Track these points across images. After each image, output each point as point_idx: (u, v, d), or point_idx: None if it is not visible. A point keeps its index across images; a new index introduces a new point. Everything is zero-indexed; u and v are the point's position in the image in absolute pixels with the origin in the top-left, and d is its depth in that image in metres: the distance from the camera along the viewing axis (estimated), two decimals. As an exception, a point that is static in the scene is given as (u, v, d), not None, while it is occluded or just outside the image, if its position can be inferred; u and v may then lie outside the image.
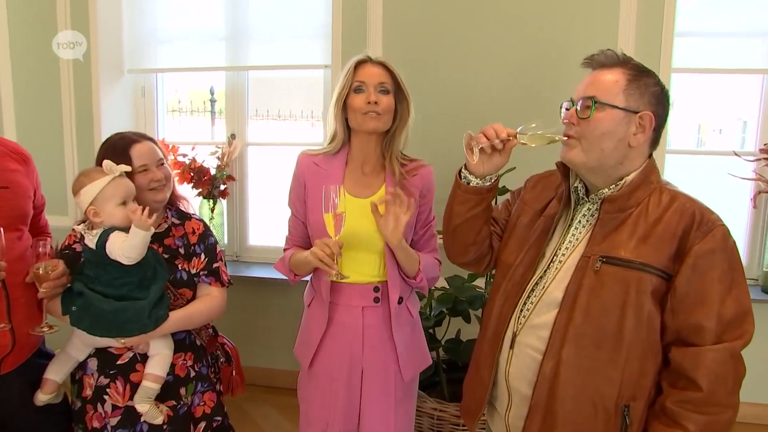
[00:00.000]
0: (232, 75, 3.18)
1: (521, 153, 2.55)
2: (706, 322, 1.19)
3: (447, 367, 2.58)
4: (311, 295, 1.80)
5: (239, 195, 3.26)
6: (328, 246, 1.53)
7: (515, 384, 1.36)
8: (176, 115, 3.50)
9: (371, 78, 1.64)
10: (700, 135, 3.66)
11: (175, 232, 1.76)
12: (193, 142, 3.10)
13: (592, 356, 1.24)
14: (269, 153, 3.38)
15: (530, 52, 2.72)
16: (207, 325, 1.85)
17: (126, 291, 1.58)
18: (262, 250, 3.28)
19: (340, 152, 1.72)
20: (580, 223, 1.35)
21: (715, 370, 1.18)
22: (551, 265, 1.35)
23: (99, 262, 1.57)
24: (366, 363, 1.72)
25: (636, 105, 1.25)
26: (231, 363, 1.94)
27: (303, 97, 3.29)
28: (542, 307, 1.33)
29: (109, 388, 1.66)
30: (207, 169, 3.01)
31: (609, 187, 1.30)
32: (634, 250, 1.23)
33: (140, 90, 3.27)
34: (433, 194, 1.78)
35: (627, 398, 1.24)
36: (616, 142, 1.26)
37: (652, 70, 1.30)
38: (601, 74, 1.29)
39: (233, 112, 3.20)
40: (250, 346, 3.15)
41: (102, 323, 1.57)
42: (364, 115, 1.63)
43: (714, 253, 1.20)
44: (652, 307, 1.23)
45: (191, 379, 1.75)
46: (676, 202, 1.26)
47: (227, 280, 1.81)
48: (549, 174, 1.51)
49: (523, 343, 1.34)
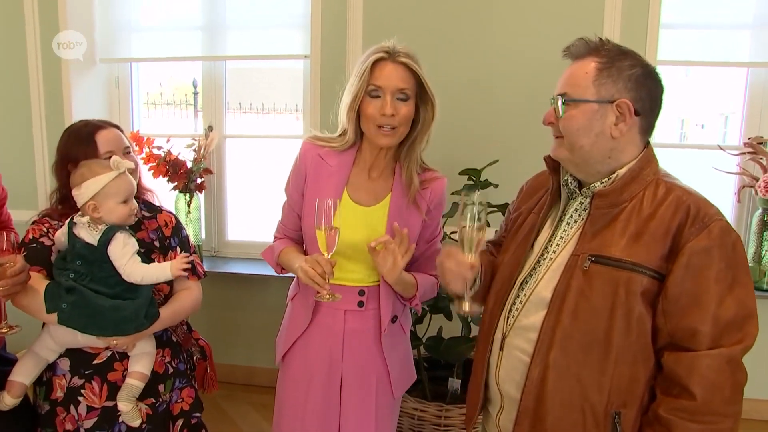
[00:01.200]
0: (208, 65, 3.13)
1: (504, 146, 2.67)
2: (701, 325, 1.13)
3: (428, 365, 2.56)
4: (295, 291, 1.75)
5: (217, 189, 3.22)
6: (319, 264, 1.44)
7: (505, 387, 1.32)
8: (158, 108, 3.45)
9: (390, 82, 1.48)
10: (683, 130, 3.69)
11: (147, 224, 1.73)
12: (167, 134, 3.02)
13: (580, 361, 1.20)
14: (249, 146, 3.34)
15: (515, 45, 2.70)
16: (182, 322, 1.84)
17: (120, 290, 1.55)
18: (241, 245, 3.23)
19: (349, 150, 1.61)
20: (572, 218, 1.30)
21: (710, 378, 1.12)
22: (541, 263, 1.31)
23: (95, 260, 1.53)
24: (346, 369, 1.65)
25: (610, 94, 1.19)
26: (206, 359, 1.92)
27: (285, 89, 3.26)
28: (530, 307, 1.28)
29: (83, 389, 1.62)
30: (183, 162, 2.94)
31: (601, 181, 1.25)
32: (625, 249, 1.17)
33: (114, 80, 3.21)
34: (442, 209, 1.68)
35: (617, 405, 1.19)
36: (594, 137, 1.21)
37: (631, 51, 1.22)
38: (572, 67, 1.24)
39: (210, 104, 3.16)
40: (229, 344, 3.13)
41: (99, 321, 1.52)
42: (378, 128, 1.50)
43: (710, 251, 1.13)
44: (642, 310, 1.17)
45: (169, 376, 1.73)
46: (671, 195, 1.19)
47: (202, 272, 1.80)
48: (540, 173, 1.47)
49: (512, 345, 1.30)
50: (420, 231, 1.63)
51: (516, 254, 1.36)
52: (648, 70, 1.21)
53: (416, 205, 1.59)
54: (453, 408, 2.37)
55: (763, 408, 2.90)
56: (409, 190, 1.59)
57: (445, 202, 1.69)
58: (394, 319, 1.67)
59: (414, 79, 1.52)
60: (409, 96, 1.51)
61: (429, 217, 1.63)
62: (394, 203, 1.59)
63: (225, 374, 2.05)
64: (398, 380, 1.71)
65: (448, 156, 2.61)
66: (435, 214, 1.66)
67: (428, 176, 1.64)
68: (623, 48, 1.22)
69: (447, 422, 2.36)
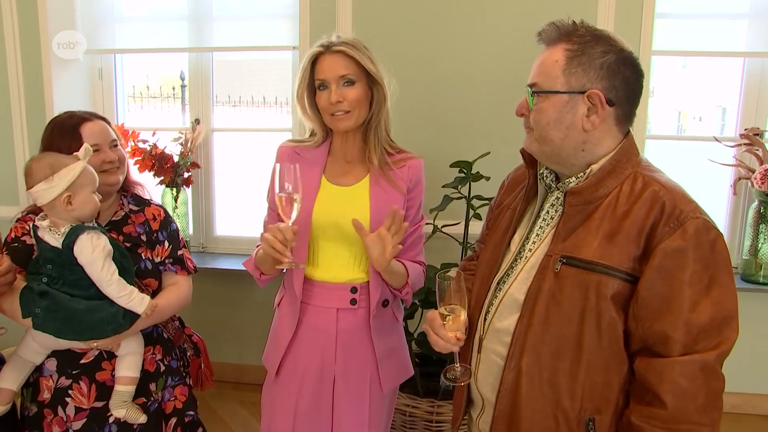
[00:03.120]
0: (195, 57, 3.10)
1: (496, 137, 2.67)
2: (672, 331, 1.09)
3: (420, 361, 2.54)
4: (282, 294, 1.73)
5: (205, 183, 3.20)
6: (280, 231, 1.44)
7: (483, 390, 1.31)
8: (144, 101, 3.42)
9: (331, 72, 1.55)
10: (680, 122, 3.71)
11: (134, 218, 1.71)
12: (154, 127, 3.01)
13: (551, 367, 1.17)
14: (238, 140, 3.32)
15: (509, 35, 2.68)
16: (173, 317, 1.82)
17: (94, 291, 1.50)
18: (229, 240, 3.22)
19: (322, 146, 1.67)
20: (548, 215, 1.26)
21: (682, 385, 1.08)
22: (518, 262, 1.27)
23: (63, 263, 1.48)
24: (339, 372, 1.63)
25: (580, 84, 1.14)
26: (199, 355, 1.91)
27: (273, 82, 3.24)
28: (504, 310, 1.25)
29: (71, 390, 1.59)
30: (169, 156, 2.94)
31: (576, 176, 1.20)
32: (597, 250, 1.13)
33: (97, 72, 3.16)
34: (422, 190, 1.68)
35: (591, 411, 1.17)
36: (564, 130, 1.16)
37: (606, 36, 1.16)
38: (543, 55, 1.19)
39: (197, 97, 3.13)
40: (218, 342, 3.10)
41: (74, 326, 1.49)
42: (332, 116, 1.57)
43: (683, 252, 1.08)
44: (613, 314, 1.13)
45: (161, 374, 1.71)
46: (647, 190, 1.14)
47: (193, 267, 1.78)
48: (522, 166, 1.40)
49: (489, 348, 1.28)
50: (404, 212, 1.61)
51: (494, 253, 1.33)
52: (623, 56, 1.15)
53: (395, 183, 1.61)
54: (445, 404, 2.37)
55: (760, 403, 2.90)
56: (383, 168, 1.62)
57: (423, 184, 1.68)
58: (385, 303, 1.65)
59: (356, 64, 1.56)
60: (355, 80, 1.56)
61: (409, 196, 1.64)
62: (374, 181, 1.62)
63: (215, 372, 1.99)
64: (387, 371, 1.67)
65: (438, 148, 2.67)
66: (415, 194, 1.66)
67: (403, 156, 1.67)
68: (597, 32, 1.16)
69: (439, 418, 2.36)
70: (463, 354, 1.34)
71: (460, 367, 1.31)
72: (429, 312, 1.34)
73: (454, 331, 1.27)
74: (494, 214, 1.44)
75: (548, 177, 1.27)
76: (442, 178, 2.45)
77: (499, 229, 1.36)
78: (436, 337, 1.30)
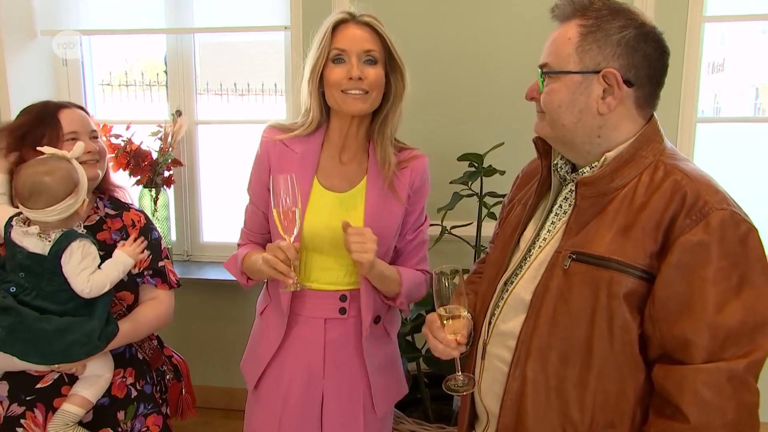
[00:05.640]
0: (174, 40, 2.92)
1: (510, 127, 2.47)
2: (694, 335, 1.04)
3: (429, 381, 2.40)
4: (265, 303, 1.68)
5: (189, 183, 3.06)
6: (281, 250, 1.40)
7: (486, 401, 1.27)
8: (121, 90, 3.31)
9: (354, 44, 1.47)
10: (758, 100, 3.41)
11: (110, 224, 1.66)
12: (130, 120, 2.83)
13: (559, 374, 1.14)
14: (225, 133, 3.28)
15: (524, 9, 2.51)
16: (151, 336, 1.77)
17: (71, 306, 1.47)
18: (217, 247, 3.08)
19: (316, 133, 1.58)
20: (561, 209, 1.23)
21: (706, 397, 1.03)
22: (527, 260, 1.24)
23: (43, 271, 1.45)
24: (327, 387, 1.58)
25: (595, 63, 1.11)
26: (180, 379, 1.85)
27: (263, 67, 3.17)
28: (509, 311, 1.23)
29: (24, 419, 1.52)
30: (147, 153, 2.79)
31: (591, 166, 1.18)
32: (610, 245, 1.10)
33: (61, 57, 2.97)
34: (426, 191, 1.63)
35: (603, 425, 1.12)
36: (577, 113, 1.14)
37: (625, 9, 1.13)
38: (556, 33, 1.17)
39: (178, 85, 2.97)
40: (205, 363, 2.96)
41: (41, 348, 1.43)
42: (345, 94, 1.47)
43: (705, 247, 1.04)
44: (626, 315, 1.09)
45: (132, 400, 1.64)
46: (668, 179, 1.09)
47: (175, 281, 1.74)
48: (534, 159, 1.39)
49: (492, 353, 1.25)
50: (402, 219, 1.59)
51: (503, 251, 1.31)
52: (644, 31, 1.12)
53: (394, 190, 1.55)
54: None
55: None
56: (385, 170, 1.55)
57: (429, 184, 1.64)
58: (377, 320, 1.60)
59: (381, 42, 1.50)
60: (377, 59, 1.49)
61: (412, 199, 1.59)
62: (371, 187, 1.55)
63: (200, 398, 1.93)
64: (382, 393, 1.63)
65: (445, 139, 2.59)
66: (418, 198, 1.61)
67: (406, 155, 1.60)
68: (616, 5, 1.14)
69: (450, 446, 2.19)
70: (468, 363, 1.34)
71: (463, 376, 1.28)
72: (429, 315, 1.33)
73: (453, 333, 1.25)
74: (506, 210, 1.43)
75: (563, 168, 1.25)
76: (449, 172, 2.37)
77: (509, 226, 1.34)
78: (435, 340, 1.28)
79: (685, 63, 2.42)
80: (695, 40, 2.39)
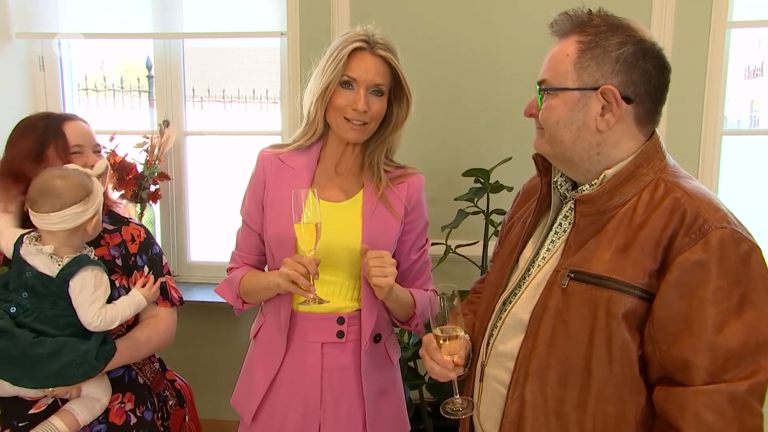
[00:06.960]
0: (162, 45, 2.84)
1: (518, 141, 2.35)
2: (693, 356, 1.04)
3: (432, 410, 2.37)
4: (260, 323, 1.68)
5: (176, 198, 2.98)
6: (302, 264, 1.41)
7: (485, 425, 1.27)
8: (100, 95, 3.21)
9: (366, 75, 1.50)
10: None
11: (109, 239, 1.64)
12: (111, 130, 2.74)
13: (558, 396, 1.14)
14: (216, 145, 3.19)
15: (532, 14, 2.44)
16: (152, 358, 1.76)
17: (69, 334, 1.46)
18: (206, 267, 3.01)
19: (313, 147, 1.61)
20: (561, 227, 1.24)
21: (707, 420, 1.02)
22: (526, 279, 1.25)
23: (48, 293, 1.45)
24: (326, 418, 1.57)
25: (593, 79, 1.14)
26: (184, 405, 1.83)
27: (257, 74, 3.10)
28: (507, 331, 1.24)
29: None
30: (132, 165, 2.72)
31: (590, 184, 1.19)
32: (609, 264, 1.11)
33: (38, 61, 2.89)
34: (423, 210, 1.66)
35: None
36: (576, 130, 1.16)
37: (624, 25, 1.15)
38: (554, 49, 1.20)
39: (165, 94, 2.90)
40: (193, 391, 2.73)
41: (34, 372, 1.42)
42: (346, 121, 1.52)
43: (704, 265, 1.04)
44: (625, 336, 1.10)
45: (131, 428, 1.62)
46: (668, 197, 1.10)
47: (177, 298, 1.73)
48: (535, 176, 1.41)
49: (491, 375, 1.26)
50: (400, 235, 1.60)
51: (501, 270, 1.33)
52: (643, 47, 1.14)
53: (389, 204, 1.57)
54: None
55: None
56: (379, 186, 1.59)
57: (424, 204, 1.66)
58: (377, 338, 1.61)
59: (391, 73, 1.54)
60: (384, 92, 1.54)
61: (410, 218, 1.61)
62: (368, 198, 1.58)
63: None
64: (377, 420, 1.61)
65: (450, 153, 2.59)
66: (417, 216, 1.63)
67: (402, 172, 1.64)
68: (615, 21, 1.16)
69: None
70: (467, 385, 1.34)
71: (461, 399, 1.28)
72: (425, 336, 1.33)
73: (450, 355, 1.25)
74: (506, 228, 1.44)
75: (563, 185, 1.26)
76: (454, 189, 2.40)
77: (508, 245, 1.36)
78: (431, 362, 1.29)
79: (709, 71, 2.36)
80: (719, 47, 2.33)
